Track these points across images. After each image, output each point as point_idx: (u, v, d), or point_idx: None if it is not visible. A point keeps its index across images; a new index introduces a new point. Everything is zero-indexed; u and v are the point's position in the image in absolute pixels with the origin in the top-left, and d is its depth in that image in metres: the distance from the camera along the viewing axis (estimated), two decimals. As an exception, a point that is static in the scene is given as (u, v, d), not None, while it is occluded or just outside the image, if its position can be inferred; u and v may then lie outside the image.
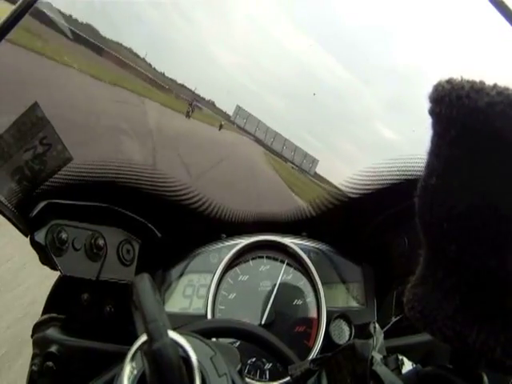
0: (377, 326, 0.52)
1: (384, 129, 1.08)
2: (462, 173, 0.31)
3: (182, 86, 1.09)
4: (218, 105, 1.18)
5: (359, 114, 1.13)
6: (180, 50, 1.10)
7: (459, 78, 0.31)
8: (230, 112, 1.14)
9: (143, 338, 0.38)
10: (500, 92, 0.28)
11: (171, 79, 1.07)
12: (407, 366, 0.47)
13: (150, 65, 1.01)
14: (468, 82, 0.30)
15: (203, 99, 1.13)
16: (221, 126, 1.19)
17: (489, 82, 0.30)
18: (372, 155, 1.04)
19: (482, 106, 0.28)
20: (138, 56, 1.00)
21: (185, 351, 0.38)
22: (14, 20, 0.66)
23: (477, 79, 0.30)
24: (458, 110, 0.30)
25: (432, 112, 0.32)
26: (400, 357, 0.48)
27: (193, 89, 1.10)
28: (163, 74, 1.06)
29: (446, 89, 0.31)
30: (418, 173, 0.86)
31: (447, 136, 0.31)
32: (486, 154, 0.29)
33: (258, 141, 1.23)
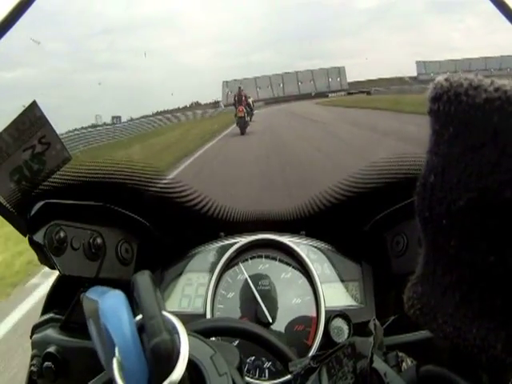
0: (377, 323, 0.53)
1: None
2: (460, 169, 0.31)
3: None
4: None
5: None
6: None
7: (457, 76, 0.31)
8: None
9: (136, 318, 0.39)
10: (497, 88, 0.28)
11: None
12: (407, 363, 0.47)
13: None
14: (466, 79, 0.30)
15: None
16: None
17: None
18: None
19: (479, 103, 0.28)
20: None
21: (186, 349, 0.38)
22: (14, 16, 0.66)
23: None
24: (457, 107, 0.30)
25: (430, 110, 0.32)
26: (400, 354, 0.48)
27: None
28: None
29: (444, 87, 0.31)
30: (417, 171, 0.86)
31: (446, 133, 0.31)
32: (485, 150, 0.29)
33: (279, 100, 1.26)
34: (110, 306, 0.38)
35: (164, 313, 0.38)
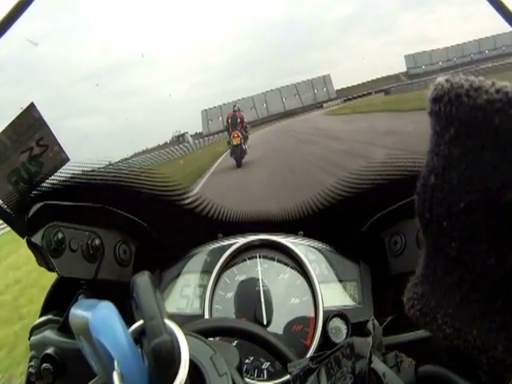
0: (376, 323, 0.53)
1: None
2: (461, 171, 0.31)
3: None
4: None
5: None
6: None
7: (458, 77, 0.31)
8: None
9: (138, 323, 0.39)
10: (499, 89, 0.28)
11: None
12: (406, 363, 0.48)
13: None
14: (467, 80, 0.30)
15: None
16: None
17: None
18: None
19: (481, 104, 0.29)
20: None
21: (181, 348, 0.38)
22: (14, 16, 0.66)
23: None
24: (457, 108, 0.30)
25: (431, 111, 0.32)
26: (399, 354, 0.48)
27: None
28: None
29: (445, 88, 0.31)
30: (414, 171, 0.87)
31: (446, 134, 0.31)
32: (486, 151, 0.29)
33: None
34: (101, 320, 0.37)
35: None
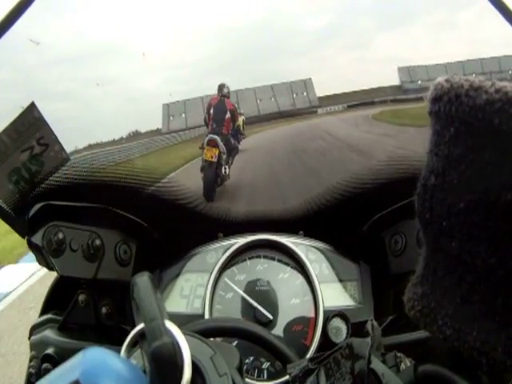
0: (375, 323, 0.53)
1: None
2: (461, 171, 0.31)
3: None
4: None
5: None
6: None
7: (458, 77, 0.31)
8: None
9: (136, 329, 0.38)
10: (498, 89, 0.28)
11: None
12: (405, 363, 0.47)
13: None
14: (467, 80, 0.30)
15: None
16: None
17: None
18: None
19: (480, 104, 0.29)
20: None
21: (184, 351, 0.38)
22: (14, 16, 0.66)
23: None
24: (457, 108, 0.30)
25: (431, 111, 0.32)
26: (398, 354, 0.48)
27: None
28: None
29: (444, 87, 0.31)
30: (414, 171, 0.87)
31: (446, 134, 0.31)
32: (485, 151, 0.29)
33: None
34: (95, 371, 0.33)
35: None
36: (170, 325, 0.39)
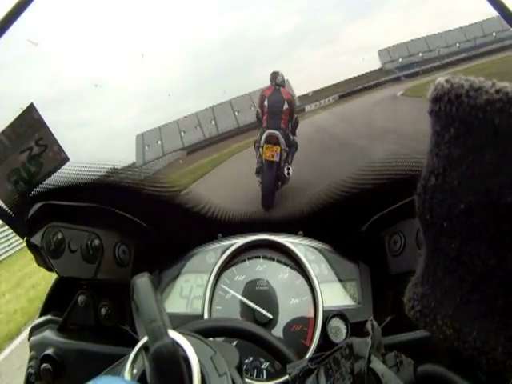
0: (375, 323, 0.52)
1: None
2: (461, 171, 0.31)
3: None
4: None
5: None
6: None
7: (458, 77, 0.31)
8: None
9: (145, 339, 0.38)
10: (499, 90, 0.28)
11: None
12: (405, 362, 0.47)
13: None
14: (467, 80, 0.30)
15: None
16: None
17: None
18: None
19: (481, 104, 0.29)
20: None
21: (184, 351, 0.38)
22: (13, 15, 0.66)
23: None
24: (458, 108, 0.30)
25: (431, 111, 0.32)
26: (398, 354, 0.48)
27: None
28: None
29: (445, 88, 0.31)
30: (413, 171, 0.87)
31: (447, 134, 0.31)
32: (486, 151, 0.29)
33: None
34: None
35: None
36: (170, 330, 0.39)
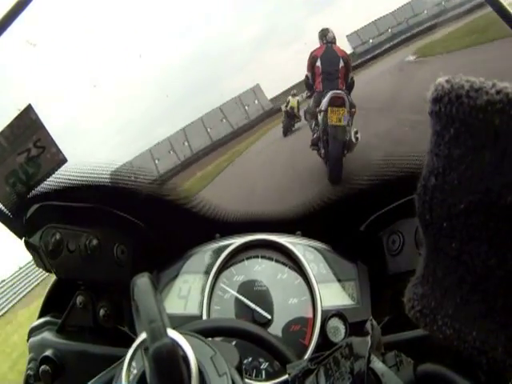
0: (374, 323, 0.53)
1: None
2: (461, 171, 0.31)
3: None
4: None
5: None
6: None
7: (459, 78, 0.31)
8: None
9: (142, 336, 0.38)
10: (499, 90, 0.28)
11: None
12: (405, 362, 0.48)
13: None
14: (467, 80, 0.30)
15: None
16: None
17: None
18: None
19: (481, 105, 0.29)
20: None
21: (184, 351, 0.38)
22: (12, 15, 0.66)
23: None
24: (458, 108, 0.30)
25: (431, 111, 0.32)
26: (398, 353, 0.48)
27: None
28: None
29: (445, 88, 0.31)
30: (412, 170, 0.87)
31: (447, 135, 0.31)
32: (486, 152, 0.29)
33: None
34: None
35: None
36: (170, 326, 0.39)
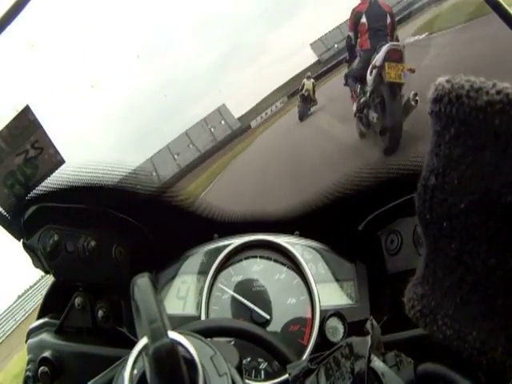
0: (374, 322, 0.53)
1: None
2: (461, 171, 0.31)
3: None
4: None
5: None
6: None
7: (459, 78, 0.31)
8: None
9: (144, 340, 0.38)
10: (499, 91, 0.28)
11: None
12: (405, 362, 0.48)
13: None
14: (468, 80, 0.30)
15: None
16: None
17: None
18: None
19: (481, 105, 0.29)
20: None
21: (187, 351, 0.38)
22: (11, 15, 0.66)
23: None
24: (458, 108, 0.30)
25: (432, 111, 0.32)
26: (398, 353, 0.48)
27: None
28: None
29: (445, 88, 0.31)
30: (410, 170, 0.87)
31: (447, 135, 0.31)
32: (485, 152, 0.29)
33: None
34: None
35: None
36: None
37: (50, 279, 0.90)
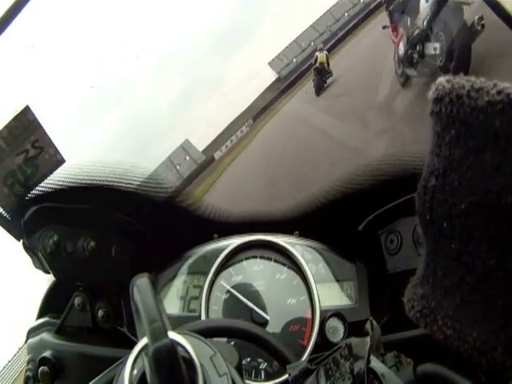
0: (374, 323, 0.53)
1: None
2: (461, 172, 0.31)
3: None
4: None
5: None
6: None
7: (459, 78, 0.31)
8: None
9: (144, 340, 0.38)
10: (500, 91, 0.28)
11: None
12: (405, 362, 0.48)
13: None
14: (468, 80, 0.30)
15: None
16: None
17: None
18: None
19: (482, 106, 0.29)
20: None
21: (187, 351, 0.38)
22: (10, 16, 0.66)
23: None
24: (458, 109, 0.30)
25: (432, 111, 0.32)
26: (398, 353, 0.48)
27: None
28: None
29: (446, 88, 0.31)
30: (410, 170, 0.87)
31: (447, 135, 0.31)
32: (486, 153, 0.29)
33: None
34: None
35: None
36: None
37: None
